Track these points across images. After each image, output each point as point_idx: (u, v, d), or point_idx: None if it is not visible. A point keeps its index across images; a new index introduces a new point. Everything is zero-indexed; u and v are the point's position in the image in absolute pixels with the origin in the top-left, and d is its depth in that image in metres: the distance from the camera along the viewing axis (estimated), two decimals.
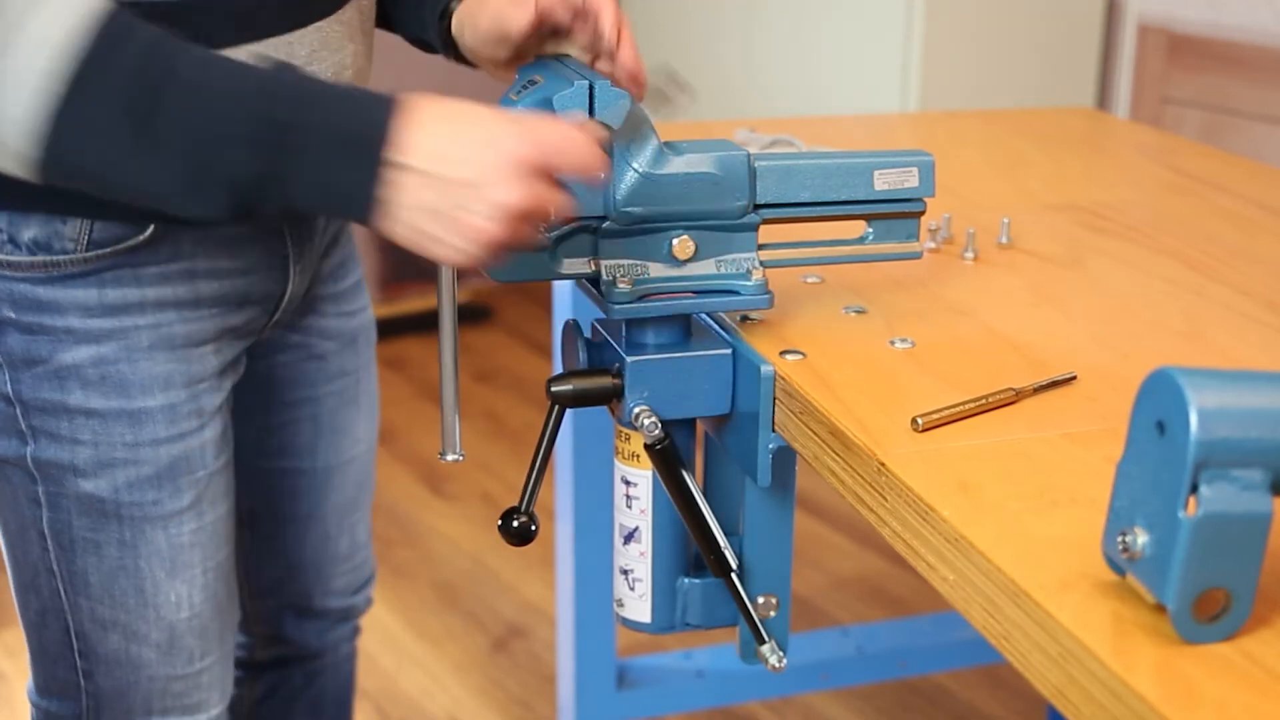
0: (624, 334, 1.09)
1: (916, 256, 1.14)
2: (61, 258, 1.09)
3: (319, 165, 0.92)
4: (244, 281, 1.18)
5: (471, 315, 3.96)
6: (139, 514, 1.17)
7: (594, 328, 1.14)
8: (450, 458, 1.11)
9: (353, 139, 0.92)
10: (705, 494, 1.13)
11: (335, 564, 1.49)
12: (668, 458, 1.09)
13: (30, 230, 1.08)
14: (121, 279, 1.11)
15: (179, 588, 1.20)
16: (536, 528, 1.09)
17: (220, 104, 0.92)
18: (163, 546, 1.18)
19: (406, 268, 3.71)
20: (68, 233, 1.08)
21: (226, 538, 1.25)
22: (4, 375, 1.13)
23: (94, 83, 0.91)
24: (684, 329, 1.09)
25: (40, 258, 1.09)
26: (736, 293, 1.08)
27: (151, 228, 1.10)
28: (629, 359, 1.06)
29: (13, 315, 1.11)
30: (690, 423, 1.13)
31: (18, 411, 1.14)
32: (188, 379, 1.16)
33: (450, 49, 1.21)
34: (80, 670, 1.23)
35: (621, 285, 1.05)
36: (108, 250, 1.09)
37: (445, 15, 1.20)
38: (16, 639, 2.49)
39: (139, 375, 1.13)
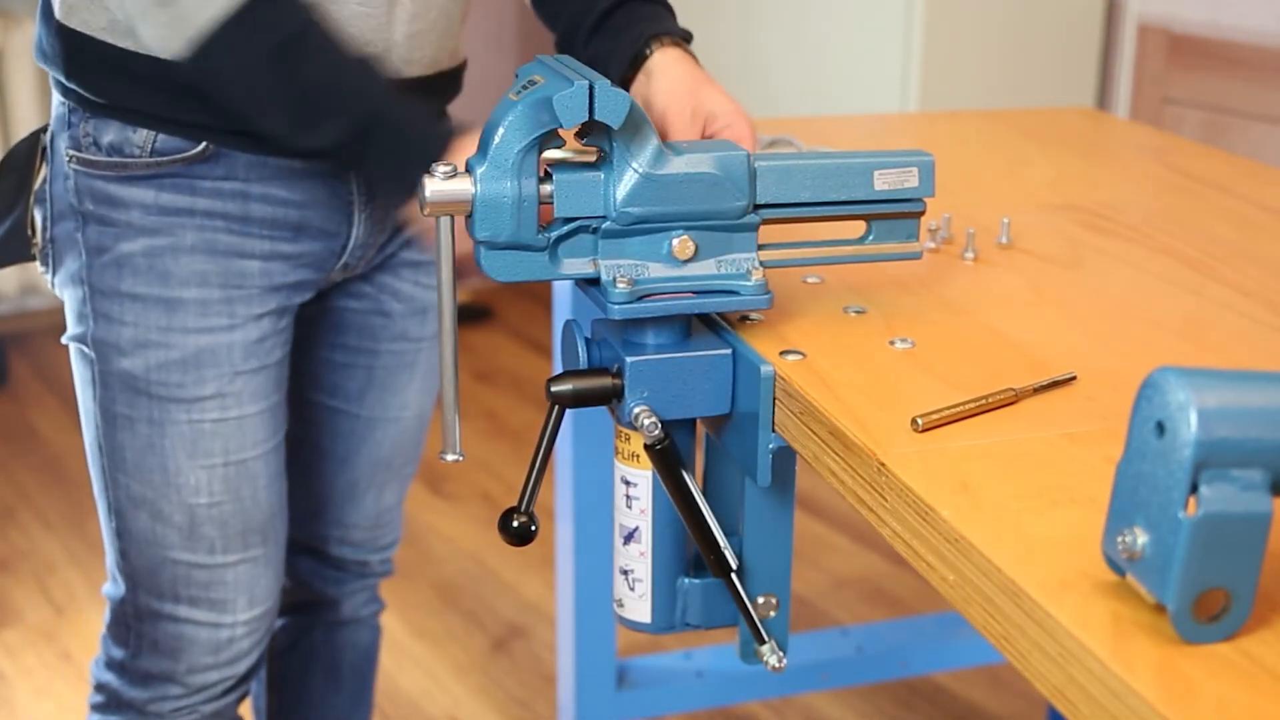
0: (624, 334, 1.09)
1: (916, 257, 1.14)
2: (130, 160, 1.27)
3: (379, 171, 1.21)
4: (300, 213, 1.32)
5: (471, 315, 3.95)
6: (164, 394, 1.31)
7: (594, 327, 1.14)
8: (450, 458, 1.12)
9: (411, 161, 1.17)
10: (705, 494, 1.13)
11: (358, 514, 1.58)
12: (668, 458, 1.09)
13: (109, 135, 1.27)
14: (178, 186, 1.28)
15: (199, 472, 1.33)
16: (536, 528, 1.09)
17: (342, 89, 1.17)
18: (185, 430, 1.32)
19: None
20: (137, 140, 1.27)
21: (256, 441, 1.35)
22: (81, 261, 1.30)
23: (255, 12, 1.15)
24: (684, 329, 1.09)
25: (114, 159, 1.27)
26: (736, 293, 1.08)
27: (204, 144, 1.27)
28: (629, 359, 1.06)
29: (91, 208, 1.29)
30: (690, 423, 1.13)
31: (86, 294, 1.31)
32: (224, 282, 1.30)
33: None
34: (119, 550, 1.37)
35: (621, 285, 1.05)
36: (167, 159, 1.27)
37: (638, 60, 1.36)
38: (16, 639, 2.49)
39: (179, 269, 1.29)
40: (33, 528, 2.87)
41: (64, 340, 1.35)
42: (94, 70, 1.26)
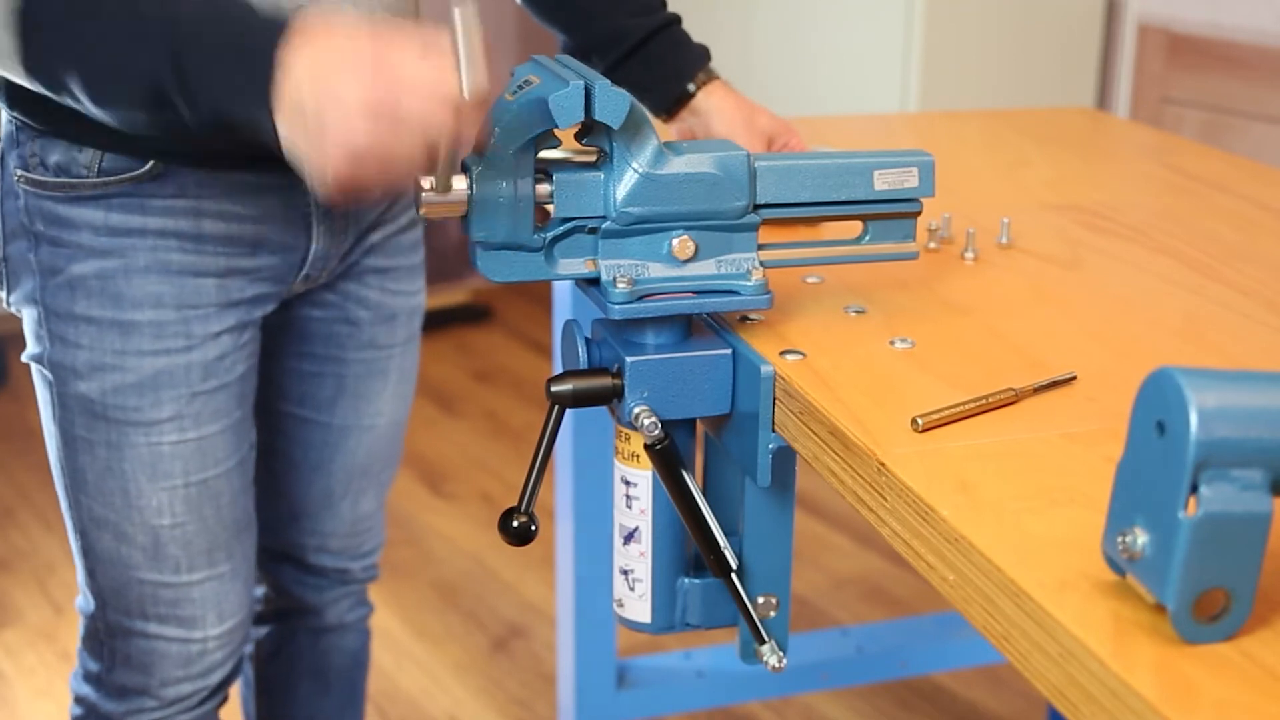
0: (624, 334, 1.09)
1: (913, 257, 1.14)
2: (78, 180, 1.24)
3: (213, 85, 1.03)
4: (255, 228, 1.29)
5: (471, 315, 3.95)
6: (122, 418, 1.28)
7: (594, 327, 1.14)
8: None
9: (244, 61, 1.01)
10: (705, 494, 1.13)
11: (335, 523, 1.56)
12: (667, 458, 1.09)
13: (55, 155, 1.24)
14: (128, 206, 1.24)
15: (160, 494, 1.31)
16: (536, 528, 1.09)
17: (137, 23, 1.03)
18: (144, 452, 1.29)
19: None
20: (83, 160, 1.23)
21: (218, 460, 1.33)
22: (36, 282, 1.28)
23: None
24: (684, 329, 1.09)
25: (62, 179, 1.24)
26: (736, 293, 1.08)
27: (151, 163, 1.23)
28: (628, 359, 1.06)
29: (42, 228, 1.26)
30: (690, 423, 1.13)
31: (41, 315, 1.28)
32: (179, 302, 1.27)
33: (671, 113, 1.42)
34: (87, 568, 1.36)
35: (621, 285, 1.05)
36: (114, 178, 1.24)
37: (684, 96, 1.40)
38: (16, 639, 2.49)
39: (132, 291, 1.26)
40: (33, 528, 2.87)
41: (24, 359, 1.32)
42: (33, 101, 1.21)
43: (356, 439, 1.51)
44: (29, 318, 1.30)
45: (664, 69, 1.40)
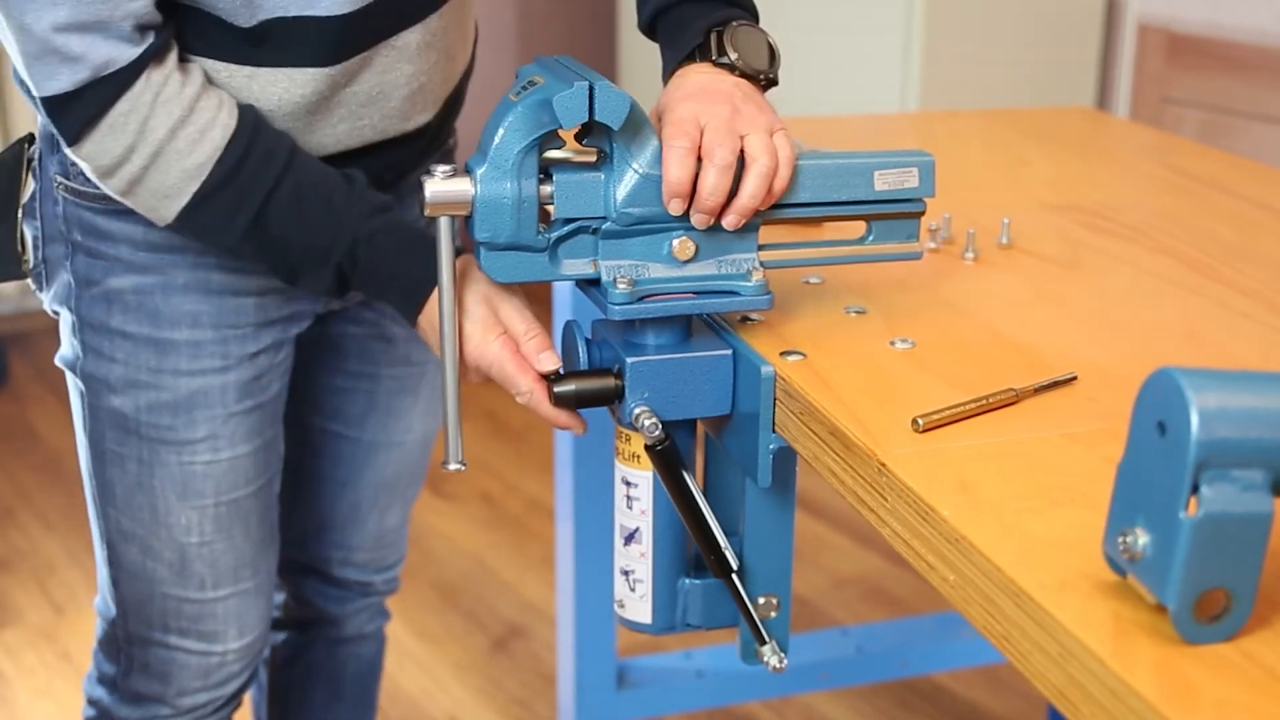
0: (624, 335, 1.09)
1: (917, 257, 1.14)
2: None
3: (377, 293, 1.18)
4: None
5: None
6: (155, 435, 1.27)
7: (594, 328, 1.14)
8: (452, 467, 1.12)
9: (401, 289, 1.16)
10: (705, 494, 1.13)
11: (360, 537, 1.55)
12: (668, 459, 1.09)
13: None
14: None
15: (189, 513, 1.30)
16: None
17: (310, 236, 1.15)
18: (175, 471, 1.28)
19: None
20: None
21: (248, 479, 1.32)
22: (72, 291, 1.26)
23: (218, 195, 1.13)
24: (684, 330, 1.09)
25: (103, 191, 1.19)
26: (737, 293, 1.08)
27: None
28: (629, 360, 1.06)
29: (80, 238, 1.24)
30: (691, 423, 1.13)
31: (77, 325, 1.27)
32: (216, 322, 1.26)
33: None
34: (111, 578, 1.35)
35: (621, 286, 1.05)
36: None
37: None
38: (16, 639, 2.49)
39: (170, 309, 1.25)
40: (33, 528, 2.87)
41: (56, 362, 1.31)
42: None
43: (386, 455, 1.50)
44: (64, 322, 1.29)
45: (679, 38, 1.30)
